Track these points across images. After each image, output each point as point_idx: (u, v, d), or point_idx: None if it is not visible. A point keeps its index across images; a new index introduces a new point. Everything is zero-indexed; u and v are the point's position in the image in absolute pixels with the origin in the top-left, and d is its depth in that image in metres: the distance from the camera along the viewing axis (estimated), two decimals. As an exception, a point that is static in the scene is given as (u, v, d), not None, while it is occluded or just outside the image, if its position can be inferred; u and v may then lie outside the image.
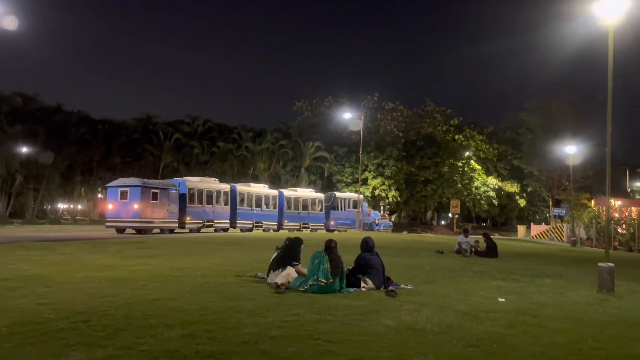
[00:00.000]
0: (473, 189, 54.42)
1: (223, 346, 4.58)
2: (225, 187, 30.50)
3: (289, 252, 8.59)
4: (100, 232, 25.35)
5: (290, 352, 4.45)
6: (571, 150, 38.07)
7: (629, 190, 56.17)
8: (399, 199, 49.47)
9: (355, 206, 38.12)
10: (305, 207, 35.33)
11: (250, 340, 4.77)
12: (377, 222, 40.50)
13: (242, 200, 31.41)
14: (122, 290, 7.39)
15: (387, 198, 48.18)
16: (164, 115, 68.75)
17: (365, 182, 47.51)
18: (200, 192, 28.25)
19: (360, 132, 41.25)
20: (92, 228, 31.10)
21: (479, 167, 55.42)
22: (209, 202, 28.71)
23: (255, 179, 49.41)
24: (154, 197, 25.23)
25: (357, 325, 5.60)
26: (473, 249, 16.64)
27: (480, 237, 17.87)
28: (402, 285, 8.71)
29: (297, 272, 8.17)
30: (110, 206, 25.59)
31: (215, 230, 28.58)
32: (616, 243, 27.66)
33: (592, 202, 41.45)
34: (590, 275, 10.24)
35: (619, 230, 29.01)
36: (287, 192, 35.26)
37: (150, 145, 52.08)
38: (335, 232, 33.03)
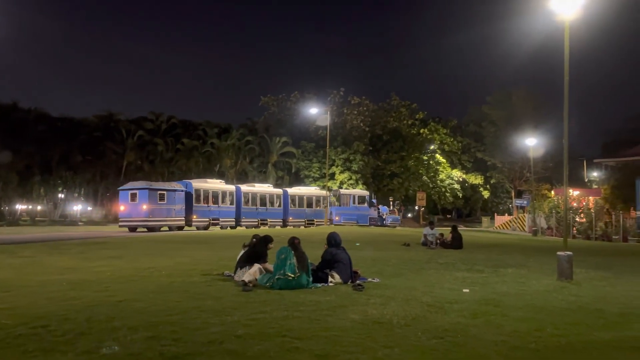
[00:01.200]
0: (438, 181, 55.36)
1: (188, 347, 4.52)
2: (231, 187, 33.30)
3: (256, 250, 8.55)
4: (63, 232, 24.66)
5: (256, 351, 4.43)
6: (532, 143, 39.14)
7: (586, 180, 58.12)
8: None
9: (361, 202, 39.39)
10: (309, 205, 37.38)
11: (216, 340, 4.72)
12: (384, 216, 40.95)
13: (247, 200, 33.68)
14: (84, 293, 7.20)
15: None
16: (127, 112, 67.24)
17: (332, 176, 47.68)
18: (206, 192, 30.86)
19: (327, 127, 41.40)
20: (53, 229, 30.17)
21: (444, 160, 56.38)
22: (215, 202, 31.29)
23: (222, 175, 48.92)
24: (161, 198, 27.77)
25: (325, 321, 5.61)
26: (438, 241, 16.93)
27: (446, 230, 18.20)
28: (369, 279, 8.79)
29: (264, 269, 8.13)
30: (122, 207, 28.07)
31: (222, 228, 30.59)
32: (575, 232, 28.61)
33: (552, 192, 42.75)
34: (550, 264, 10.55)
35: (578, 219, 30.03)
36: (292, 191, 37.35)
37: (113, 143, 50.87)
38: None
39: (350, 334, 5.04)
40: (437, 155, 55.78)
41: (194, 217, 29.74)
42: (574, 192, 38.30)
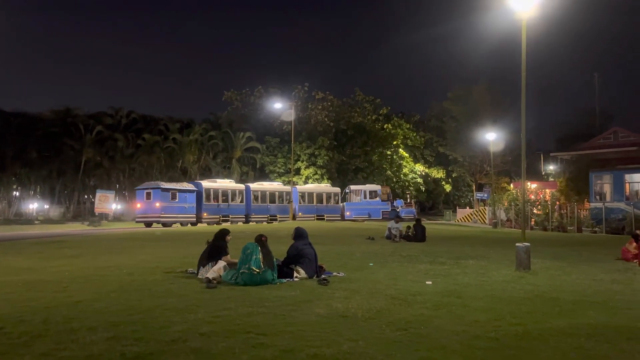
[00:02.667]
0: (402, 176, 56.05)
1: (151, 346, 4.44)
2: (240, 186, 36.04)
3: (216, 245, 8.47)
4: (19, 231, 23.77)
5: (221, 348, 4.39)
6: (491, 137, 40.09)
7: (543, 173, 60.03)
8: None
9: (372, 196, 40.45)
10: (320, 200, 39.15)
11: (179, 339, 4.65)
12: (398, 209, 41.08)
13: (256, 198, 36.18)
14: (41, 294, 6.98)
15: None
16: (85, 107, 65.18)
17: (298, 172, 47.65)
18: (215, 191, 33.77)
19: (291, 122, 41.33)
20: (7, 228, 29.06)
21: (407, 155, 57.11)
22: (225, 200, 34.08)
23: (184, 171, 48.16)
24: (173, 197, 30.89)
25: (290, 316, 5.62)
26: (402, 234, 17.17)
27: (411, 223, 18.47)
28: (335, 273, 8.84)
29: (227, 262, 8.06)
30: (138, 205, 31.62)
31: (231, 223, 32.47)
32: (533, 223, 29.53)
33: (511, 185, 44.00)
34: (509, 255, 10.85)
35: (535, 211, 31.00)
36: (300, 188, 39.54)
37: (71, 139, 49.28)
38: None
39: (315, 328, 5.07)
40: (401, 150, 56.48)
41: (205, 214, 32.54)
42: (532, 185, 39.52)
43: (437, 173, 58.92)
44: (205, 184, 33.96)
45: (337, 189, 41.47)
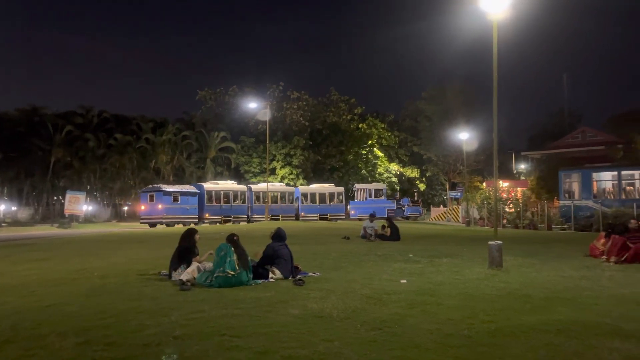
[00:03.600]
0: (377, 175, 56.41)
1: (123, 351, 4.36)
2: (243, 187, 38.01)
3: (185, 246, 8.37)
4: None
5: (195, 351, 4.34)
6: (464, 137, 40.70)
7: (515, 172, 61.18)
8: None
9: (377, 195, 41.50)
10: (322, 200, 40.38)
11: (152, 342, 4.58)
12: (404, 208, 42.13)
13: (257, 198, 38.04)
14: (9, 299, 6.80)
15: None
16: (54, 106, 63.58)
17: (273, 171, 47.49)
18: (217, 193, 35.85)
19: (267, 121, 41.21)
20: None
21: (382, 154, 57.50)
22: (227, 201, 36.11)
23: (157, 172, 47.49)
24: (175, 199, 33.01)
25: (265, 317, 5.59)
26: (377, 233, 17.26)
27: (385, 222, 18.57)
28: (310, 274, 8.84)
29: (202, 266, 7.97)
30: (142, 207, 33.85)
31: (233, 223, 34.40)
32: (505, 221, 30.05)
33: (484, 184, 44.70)
34: (482, 253, 11.01)
35: (507, 209, 31.55)
36: (303, 188, 40.93)
37: (39, 139, 48.04)
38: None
39: (290, 329, 5.05)
40: (376, 150, 56.83)
41: (207, 215, 34.65)
42: (504, 184, 40.25)
43: (412, 172, 59.47)
44: (207, 185, 36.25)
45: (341, 189, 42.57)
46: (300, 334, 4.90)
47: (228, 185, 37.74)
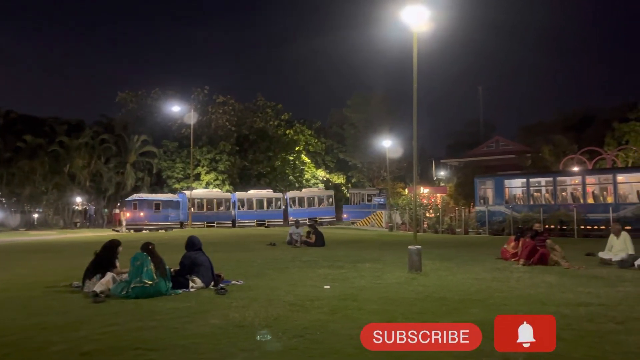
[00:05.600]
0: (304, 181, 56.68)
1: (23, 371, 4.03)
2: (227, 195, 40.59)
3: (104, 256, 7.94)
4: None
5: (105, 368, 4.10)
6: (387, 144, 41.93)
7: (435, 179, 63.83)
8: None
9: (370, 199, 43.39)
10: (311, 204, 41.86)
11: (58, 360, 4.28)
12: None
13: (242, 204, 40.00)
14: None
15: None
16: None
17: (198, 177, 46.35)
18: (200, 200, 38.23)
19: (191, 125, 40.20)
20: None
21: (309, 161, 57.89)
22: (210, 208, 38.62)
23: (73, 177, 44.88)
24: (157, 206, 35.81)
25: (183, 329, 5.40)
26: (302, 240, 17.31)
27: (311, 229, 18.66)
28: (233, 282, 8.68)
29: (119, 277, 7.58)
30: (127, 214, 36.17)
31: (216, 228, 36.02)
32: (425, 226, 31.23)
33: (406, 190, 46.22)
34: (403, 258, 11.33)
35: (427, 214, 32.80)
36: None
37: None
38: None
39: (209, 340, 4.92)
40: (303, 156, 57.12)
41: (189, 221, 36.67)
42: (424, 190, 41.84)
43: (338, 178, 60.33)
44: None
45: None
46: (219, 344, 4.78)
47: (213, 192, 40.84)
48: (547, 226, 22.77)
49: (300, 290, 7.94)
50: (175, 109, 43.17)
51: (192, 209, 37.79)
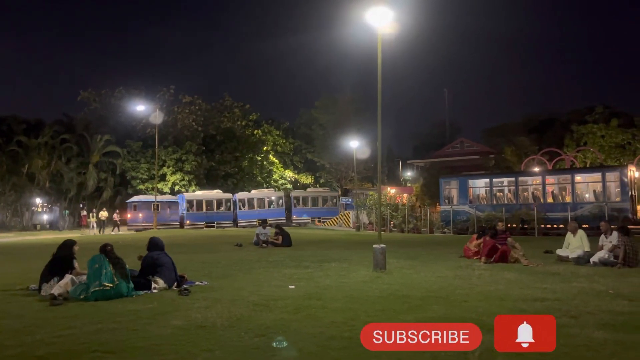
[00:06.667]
0: (272, 181, 56.48)
1: (-27, 377, 3.90)
2: (228, 195, 41.88)
3: (61, 257, 7.73)
4: None
5: (61, 371, 4.00)
6: (355, 145, 42.22)
7: (402, 179, 64.63)
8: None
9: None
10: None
11: (10, 365, 4.15)
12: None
13: (243, 204, 41.18)
14: None
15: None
16: None
17: (163, 178, 45.60)
18: (199, 201, 39.76)
19: (156, 125, 39.52)
20: None
21: (277, 161, 57.72)
22: (209, 208, 39.90)
23: (32, 178, 43.50)
24: (156, 207, 36.61)
25: (143, 330, 5.32)
26: (269, 240, 17.26)
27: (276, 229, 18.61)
28: (197, 283, 8.59)
29: (77, 278, 7.39)
30: (129, 215, 38.36)
31: (216, 228, 37.30)
32: (392, 225, 31.59)
33: (373, 190, 46.61)
34: (369, 257, 11.42)
35: (394, 214, 33.18)
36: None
37: None
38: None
39: (170, 341, 4.86)
40: (271, 156, 56.89)
41: (188, 221, 38.49)
42: (391, 190, 42.30)
43: (306, 179, 60.36)
44: (188, 195, 40.18)
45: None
46: (180, 345, 4.73)
47: (213, 193, 41.80)
48: (509, 225, 23.39)
49: (265, 290, 7.93)
50: (140, 108, 42.32)
51: (192, 209, 39.47)
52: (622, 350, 4.47)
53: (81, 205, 46.77)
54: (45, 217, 45.35)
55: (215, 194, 42.31)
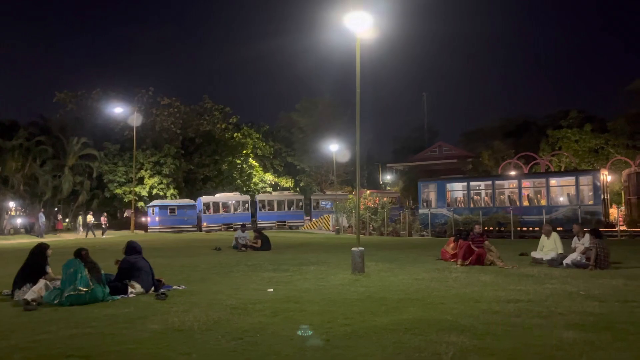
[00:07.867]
0: (252, 185, 56.28)
1: (-56, 383, 3.84)
2: (245, 197, 42.65)
3: (33, 262, 7.62)
4: None
5: (35, 376, 3.97)
6: (334, 149, 42.38)
7: (381, 182, 65.02)
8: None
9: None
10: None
11: (-17, 371, 4.10)
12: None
13: (263, 206, 42.21)
14: None
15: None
16: None
17: (141, 181, 45.07)
18: (215, 204, 40.94)
19: (134, 128, 39.05)
20: None
21: (257, 164, 57.54)
22: (226, 210, 40.93)
23: (5, 181, 42.55)
24: (172, 211, 39.30)
25: (120, 335, 5.29)
26: (248, 244, 17.23)
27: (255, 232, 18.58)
28: (175, 287, 8.55)
29: (52, 283, 7.29)
30: (148, 219, 40.36)
31: (234, 230, 35.89)
32: (371, 229, 31.76)
33: (353, 193, 46.80)
34: (348, 260, 11.49)
35: (373, 217, 33.35)
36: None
37: None
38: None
39: (146, 345, 4.84)
40: (251, 159, 56.68)
41: (204, 224, 39.78)
42: (368, 192, 42.45)
43: (286, 182, 60.29)
44: (205, 198, 41.32)
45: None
46: (157, 349, 4.72)
47: (230, 195, 43.05)
48: (486, 228, 23.72)
49: (243, 293, 7.93)
50: (118, 110, 41.81)
51: (209, 211, 40.61)
52: (591, 350, 4.60)
53: (56, 209, 45.90)
54: (19, 221, 44.33)
55: (233, 195, 43.34)
